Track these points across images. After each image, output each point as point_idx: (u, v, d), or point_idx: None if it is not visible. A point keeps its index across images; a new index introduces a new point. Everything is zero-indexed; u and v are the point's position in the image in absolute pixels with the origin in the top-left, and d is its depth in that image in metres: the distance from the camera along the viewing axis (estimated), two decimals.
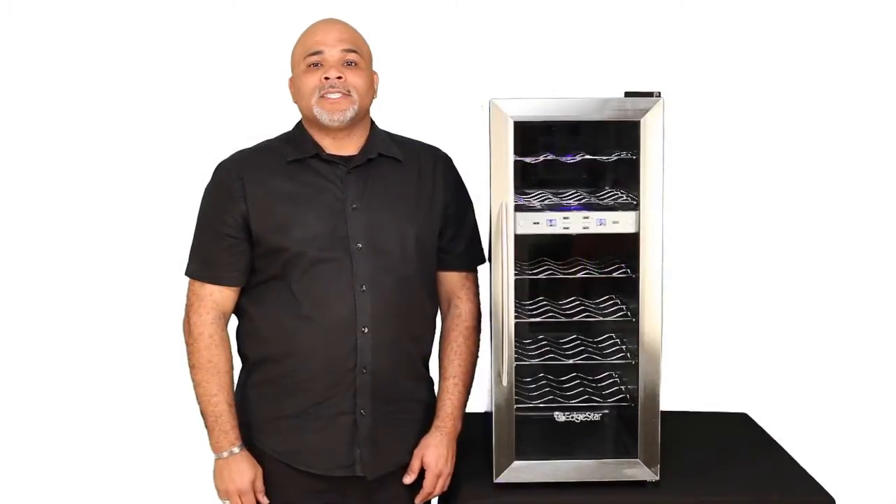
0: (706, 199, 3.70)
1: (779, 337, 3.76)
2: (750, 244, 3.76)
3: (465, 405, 2.38)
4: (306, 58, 2.24)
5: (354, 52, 2.25)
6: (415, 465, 2.32)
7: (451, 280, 2.40)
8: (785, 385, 3.72)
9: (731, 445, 2.58)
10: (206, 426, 2.29)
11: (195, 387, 2.29)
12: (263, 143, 2.36)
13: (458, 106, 2.99)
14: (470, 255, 2.41)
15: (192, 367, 2.29)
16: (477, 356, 2.41)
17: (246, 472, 2.27)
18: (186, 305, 2.31)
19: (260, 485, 2.30)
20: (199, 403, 2.30)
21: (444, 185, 2.35)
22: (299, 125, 2.34)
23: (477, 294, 2.43)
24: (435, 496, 2.38)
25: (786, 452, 2.52)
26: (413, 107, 3.01)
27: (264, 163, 2.28)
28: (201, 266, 2.29)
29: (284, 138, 2.35)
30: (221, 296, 2.28)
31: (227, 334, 2.32)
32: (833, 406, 3.71)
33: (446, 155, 2.41)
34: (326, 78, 2.21)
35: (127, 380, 3.75)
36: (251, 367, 2.34)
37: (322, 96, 2.22)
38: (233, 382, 2.31)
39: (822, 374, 3.74)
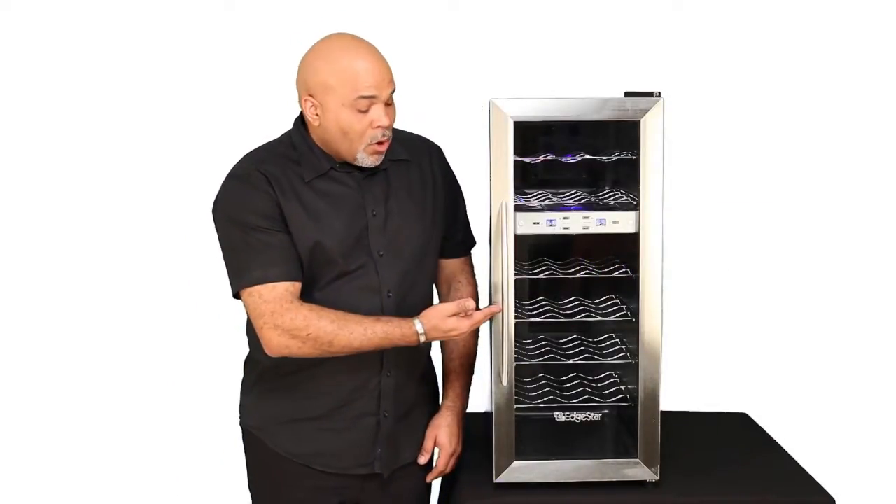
0: (706, 199, 3.70)
1: (779, 337, 3.76)
2: (750, 244, 3.76)
3: (470, 385, 2.41)
4: (358, 100, 2.11)
5: (393, 87, 2.18)
6: (428, 445, 2.36)
7: (452, 266, 2.42)
8: (785, 385, 3.72)
9: (731, 445, 2.58)
10: (388, 346, 2.16)
11: (348, 347, 2.12)
12: (270, 148, 2.26)
13: (458, 106, 2.99)
14: (467, 240, 2.45)
15: (330, 345, 2.12)
16: (478, 336, 2.42)
17: (439, 320, 2.13)
18: (263, 319, 2.12)
19: (452, 307, 2.14)
20: (367, 349, 2.14)
21: (442, 177, 2.37)
22: (302, 134, 2.23)
23: (475, 276, 2.46)
24: (444, 474, 2.41)
25: (786, 452, 2.52)
26: (413, 106, 3.00)
27: (285, 172, 2.19)
28: (264, 268, 2.13)
29: (290, 145, 2.24)
30: (294, 288, 2.15)
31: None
32: (833, 406, 3.71)
33: (437, 146, 2.41)
34: (380, 126, 2.13)
35: (129, 383, 3.76)
36: (263, 371, 2.31)
37: (371, 144, 2.15)
38: (353, 312, 2.15)
39: (822, 374, 3.74)
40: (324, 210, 2.19)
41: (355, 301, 2.19)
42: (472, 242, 2.47)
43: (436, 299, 2.43)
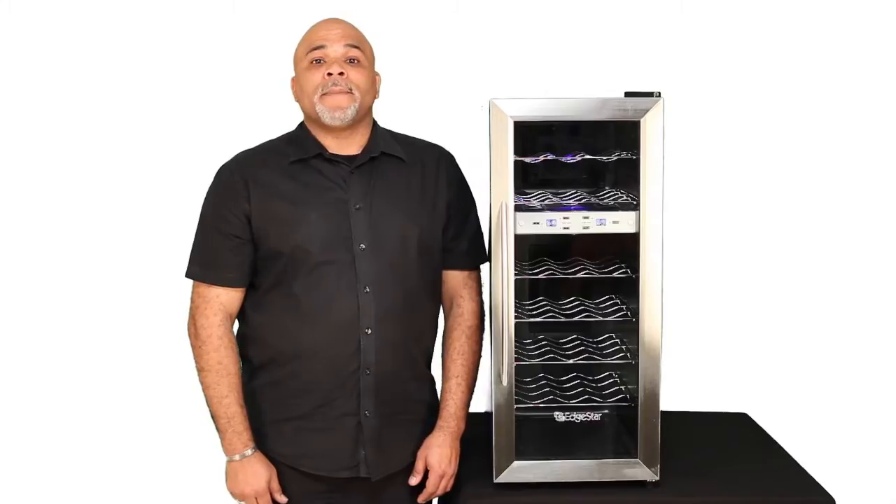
0: (706, 199, 3.70)
1: (779, 337, 3.76)
2: (750, 244, 3.76)
3: (468, 405, 2.38)
4: (309, 53, 2.23)
5: (357, 48, 2.24)
6: (419, 466, 2.32)
7: (454, 279, 2.39)
8: (785, 385, 3.72)
9: (731, 445, 2.58)
10: (219, 428, 2.27)
11: (205, 389, 2.27)
12: (266, 143, 2.36)
13: (458, 106, 2.99)
14: (473, 253, 2.40)
15: (200, 370, 2.27)
16: (480, 355, 2.40)
17: (262, 473, 2.26)
18: (192, 308, 2.29)
19: (276, 484, 2.28)
20: (209, 406, 2.28)
21: (448, 183, 2.35)
22: (302, 125, 2.34)
23: (480, 293, 2.42)
24: (438, 496, 2.38)
25: (786, 452, 2.52)
26: (413, 106, 3.01)
27: (267, 163, 2.27)
28: (206, 268, 2.27)
29: (287, 139, 2.34)
30: (228, 297, 2.27)
31: (234, 336, 2.31)
32: (833, 406, 3.71)
33: (449, 153, 2.41)
34: (329, 74, 2.20)
35: (130, 382, 3.76)
36: (254, 370, 2.33)
37: (324, 94, 2.21)
38: (241, 383, 2.30)
39: (822, 374, 3.74)
40: (303, 200, 2.23)
41: (332, 295, 2.20)
42: (481, 258, 2.42)
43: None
